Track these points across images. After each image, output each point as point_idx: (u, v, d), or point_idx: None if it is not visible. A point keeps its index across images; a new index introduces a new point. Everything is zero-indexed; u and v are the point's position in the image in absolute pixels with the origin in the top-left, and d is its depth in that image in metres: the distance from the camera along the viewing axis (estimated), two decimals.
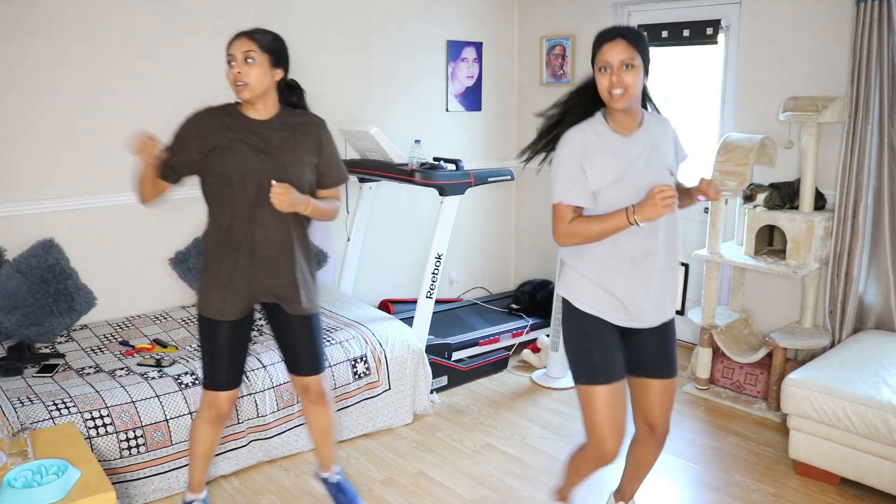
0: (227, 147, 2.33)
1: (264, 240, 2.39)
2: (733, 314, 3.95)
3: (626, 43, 2.05)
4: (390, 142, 3.89)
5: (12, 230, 3.36)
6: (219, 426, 2.60)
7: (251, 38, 2.33)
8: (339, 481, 2.81)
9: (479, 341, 4.19)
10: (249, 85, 2.31)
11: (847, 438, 2.87)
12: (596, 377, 2.19)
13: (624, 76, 2.05)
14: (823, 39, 3.59)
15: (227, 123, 2.37)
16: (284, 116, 2.44)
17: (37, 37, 3.31)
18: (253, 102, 2.36)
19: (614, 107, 2.10)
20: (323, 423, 2.73)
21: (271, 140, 2.37)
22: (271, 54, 2.35)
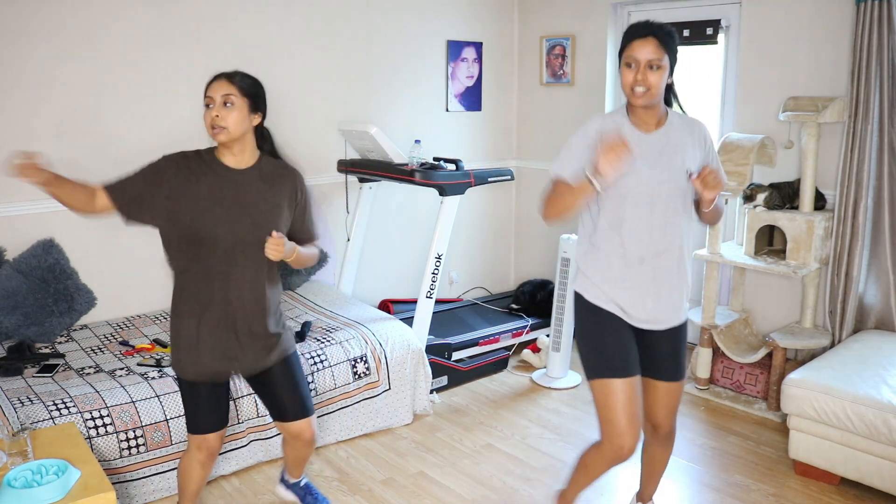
0: (197, 207, 2.21)
1: (236, 297, 2.27)
2: (733, 314, 3.95)
3: (656, 42, 2.04)
4: (390, 142, 3.89)
5: (12, 230, 3.36)
6: (210, 465, 2.48)
7: (231, 81, 2.24)
8: (308, 483, 2.82)
9: (479, 341, 4.19)
10: (227, 129, 2.20)
11: (847, 438, 2.87)
12: (613, 371, 2.17)
13: (649, 75, 2.03)
14: (823, 39, 3.60)
15: (203, 174, 2.24)
16: (262, 165, 2.33)
17: (38, 38, 3.31)
18: (230, 147, 2.26)
19: (634, 103, 2.10)
20: (305, 456, 2.67)
21: (247, 195, 2.26)
22: (251, 98, 2.26)
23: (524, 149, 5.17)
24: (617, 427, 2.17)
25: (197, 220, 2.21)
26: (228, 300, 2.28)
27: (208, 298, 2.27)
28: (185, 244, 2.25)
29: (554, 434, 3.49)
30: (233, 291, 2.27)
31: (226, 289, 2.27)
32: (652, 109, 2.13)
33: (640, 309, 2.19)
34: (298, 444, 2.57)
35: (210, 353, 2.30)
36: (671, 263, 2.19)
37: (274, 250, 2.19)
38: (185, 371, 2.34)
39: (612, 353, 2.19)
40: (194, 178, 2.23)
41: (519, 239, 5.33)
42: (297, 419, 2.49)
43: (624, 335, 2.21)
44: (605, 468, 2.29)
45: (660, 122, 2.16)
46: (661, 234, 2.15)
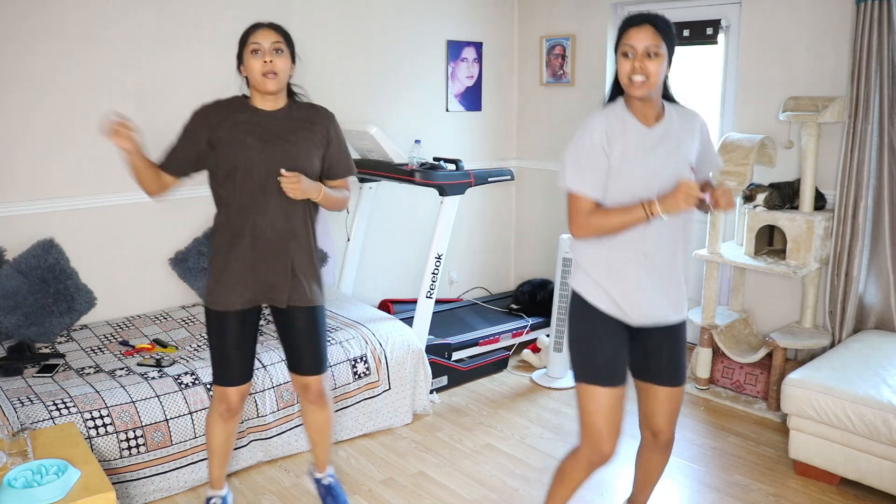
0: (233, 138, 2.32)
1: (269, 227, 2.37)
2: (733, 314, 3.95)
3: (653, 30, 2.00)
4: (390, 142, 3.89)
5: (12, 230, 3.36)
6: (231, 421, 2.60)
7: (277, 31, 2.35)
8: (331, 484, 2.81)
9: (479, 341, 4.19)
10: (279, 75, 2.31)
11: (847, 438, 2.87)
12: (600, 378, 2.14)
13: (647, 63, 1.99)
14: (823, 39, 3.60)
15: (234, 115, 2.36)
16: (293, 108, 2.43)
17: (38, 38, 3.31)
18: (275, 94, 2.35)
19: (633, 94, 2.04)
20: (320, 422, 2.72)
21: (279, 130, 2.36)
22: (292, 48, 2.38)
23: (524, 149, 5.17)
24: (597, 432, 2.15)
25: (230, 150, 2.31)
26: (263, 227, 2.36)
27: (244, 227, 2.37)
28: (225, 177, 2.36)
29: (554, 434, 3.49)
30: (266, 219, 2.36)
31: (260, 217, 2.36)
32: (651, 102, 2.08)
33: (643, 307, 2.14)
34: (306, 400, 2.65)
35: (242, 278, 2.39)
36: (674, 259, 2.16)
37: (290, 187, 2.27)
38: (216, 299, 2.42)
39: (601, 360, 2.15)
40: (229, 116, 2.36)
41: (519, 239, 5.33)
42: (311, 375, 2.58)
43: (616, 342, 2.16)
44: (584, 475, 2.24)
45: (659, 115, 2.12)
46: (667, 230, 2.12)
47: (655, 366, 2.24)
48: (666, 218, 2.01)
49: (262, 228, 2.37)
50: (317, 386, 2.61)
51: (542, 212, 5.10)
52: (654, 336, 2.21)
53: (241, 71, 2.40)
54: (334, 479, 2.84)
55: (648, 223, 2.06)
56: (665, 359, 2.23)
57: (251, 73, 2.33)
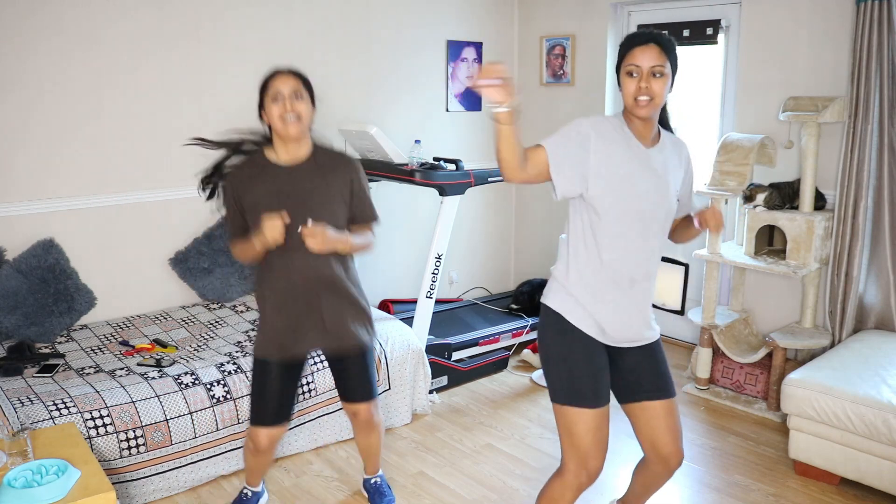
0: (257, 206, 2.34)
1: (300, 281, 2.39)
2: (733, 314, 3.95)
3: (658, 49, 1.97)
4: (390, 142, 3.89)
5: (12, 230, 3.36)
6: (262, 458, 2.65)
7: (297, 76, 2.35)
8: (378, 483, 2.90)
9: (479, 341, 4.19)
10: (302, 119, 2.32)
11: (847, 438, 2.87)
12: (585, 400, 2.06)
13: (653, 84, 1.96)
14: (823, 39, 3.60)
15: (256, 181, 2.37)
16: (317, 156, 2.43)
17: (39, 38, 3.31)
18: (294, 141, 2.36)
19: (637, 114, 2.00)
20: (370, 444, 2.80)
21: (301, 186, 2.37)
22: (311, 93, 2.39)
23: None
24: (584, 451, 2.08)
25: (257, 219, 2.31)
26: (296, 283, 2.40)
27: (278, 283, 2.41)
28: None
29: (554, 434, 3.48)
30: (299, 274, 2.39)
31: (292, 273, 2.39)
32: (650, 123, 2.05)
33: (623, 328, 2.11)
34: (355, 425, 2.72)
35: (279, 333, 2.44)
36: (651, 284, 2.13)
37: (312, 239, 2.26)
38: (261, 349, 2.48)
39: (583, 381, 2.07)
40: (251, 182, 2.37)
41: (519, 239, 5.33)
42: (361, 402, 2.64)
43: (596, 361, 2.10)
44: (574, 495, 2.15)
45: (655, 138, 2.09)
46: (651, 256, 2.09)
47: (640, 381, 2.17)
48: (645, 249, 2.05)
49: (293, 283, 2.40)
50: (366, 413, 2.66)
51: (542, 212, 5.10)
52: (632, 354, 2.16)
53: (262, 118, 2.39)
54: (382, 479, 2.93)
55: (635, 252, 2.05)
56: (648, 372, 2.17)
57: (272, 120, 2.33)
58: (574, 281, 2.10)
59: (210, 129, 3.78)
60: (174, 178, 3.75)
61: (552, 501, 2.18)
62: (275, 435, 2.56)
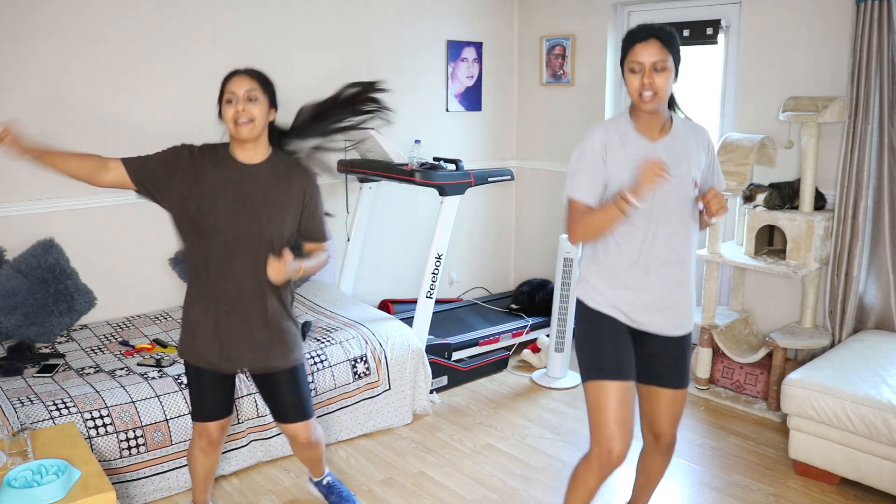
0: (206, 196, 2.25)
1: (238, 291, 2.30)
2: (733, 314, 3.95)
3: (659, 44, 2.01)
4: (390, 142, 3.89)
5: (12, 230, 3.36)
6: (213, 452, 2.57)
7: (252, 77, 2.28)
8: (331, 482, 2.83)
9: (479, 341, 4.19)
10: (254, 122, 2.24)
11: (847, 438, 2.87)
12: (607, 372, 2.14)
13: (655, 78, 2.01)
14: (823, 39, 3.59)
15: (215, 169, 2.28)
16: (275, 161, 2.35)
17: (39, 38, 3.31)
18: (248, 143, 2.28)
19: (643, 108, 2.06)
20: (311, 458, 2.72)
21: (255, 192, 2.28)
22: (270, 94, 2.31)
23: (524, 149, 5.17)
24: (608, 430, 2.12)
25: (200, 208, 2.25)
26: (228, 291, 2.31)
27: (210, 288, 2.32)
28: (191, 232, 2.30)
29: (554, 434, 3.49)
30: (232, 283, 2.30)
31: (226, 280, 2.30)
32: (657, 115, 2.10)
33: (649, 314, 2.17)
34: (296, 446, 2.63)
35: (208, 342, 2.35)
36: (677, 273, 2.17)
37: (276, 273, 2.19)
38: (186, 354, 2.41)
39: (606, 356, 2.15)
40: (205, 169, 2.28)
41: (519, 239, 5.33)
42: (297, 421, 2.53)
43: (622, 340, 2.18)
44: (597, 479, 2.19)
45: (664, 128, 2.13)
46: (667, 244, 2.13)
47: (660, 369, 2.25)
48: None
49: (227, 291, 2.30)
50: (304, 433, 2.55)
51: (542, 212, 5.10)
52: (658, 340, 2.22)
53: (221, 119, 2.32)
54: (332, 478, 2.85)
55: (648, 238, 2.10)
56: (669, 361, 2.24)
57: (227, 122, 2.26)
58: (593, 271, 2.21)
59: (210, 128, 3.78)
60: None
61: (576, 483, 2.23)
62: (224, 424, 2.50)
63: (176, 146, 2.34)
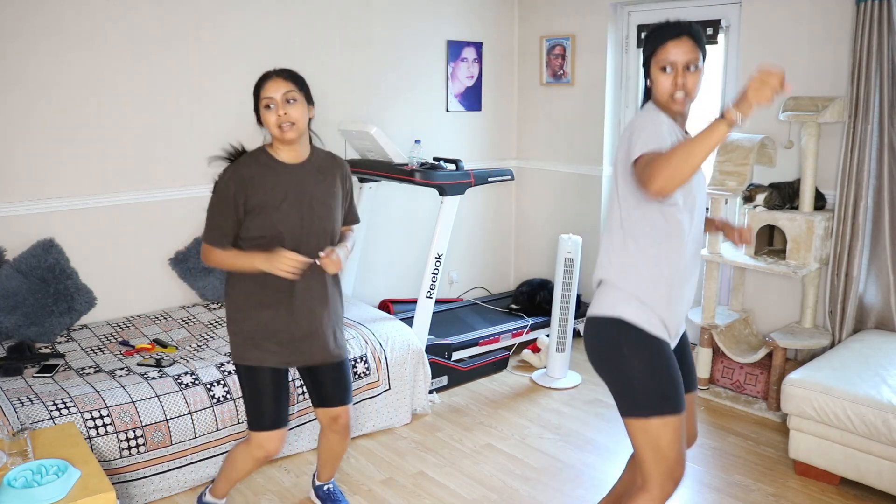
0: (267, 204, 2.28)
1: (307, 289, 2.36)
2: (733, 314, 3.95)
3: (692, 42, 1.91)
4: (390, 142, 3.89)
5: (12, 230, 3.36)
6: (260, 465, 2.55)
7: (286, 78, 2.28)
8: (331, 490, 2.84)
9: (479, 341, 4.19)
10: (297, 124, 2.26)
11: (847, 438, 2.87)
12: (670, 407, 1.96)
13: (689, 78, 1.92)
14: (823, 39, 3.60)
15: (265, 177, 2.29)
16: (316, 158, 2.41)
17: (39, 37, 3.31)
18: (293, 143, 2.31)
19: (674, 109, 1.96)
20: (339, 451, 2.73)
21: (309, 189, 2.34)
22: (306, 92, 2.32)
23: (524, 149, 5.17)
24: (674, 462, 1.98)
25: (266, 218, 2.28)
26: (297, 291, 2.35)
27: (278, 291, 2.34)
28: (260, 243, 2.31)
29: (554, 434, 3.49)
30: (301, 283, 2.34)
31: (295, 281, 2.32)
32: (685, 114, 2.02)
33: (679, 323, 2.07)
34: (332, 431, 2.63)
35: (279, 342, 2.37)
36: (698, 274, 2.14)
37: (334, 266, 2.29)
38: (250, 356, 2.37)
39: (669, 387, 1.97)
40: (261, 178, 2.29)
41: (519, 239, 5.33)
42: (340, 406, 2.57)
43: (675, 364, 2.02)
44: None
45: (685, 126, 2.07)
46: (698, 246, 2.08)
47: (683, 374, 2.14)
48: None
49: (301, 293, 2.35)
50: (345, 417, 2.60)
51: (542, 212, 5.10)
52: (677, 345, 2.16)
53: (260, 124, 2.34)
54: (334, 485, 2.86)
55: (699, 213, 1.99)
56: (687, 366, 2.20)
57: (270, 128, 2.28)
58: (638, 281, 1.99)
59: (210, 128, 3.80)
60: (174, 178, 3.75)
61: None
62: (282, 435, 2.49)
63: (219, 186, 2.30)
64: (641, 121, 1.93)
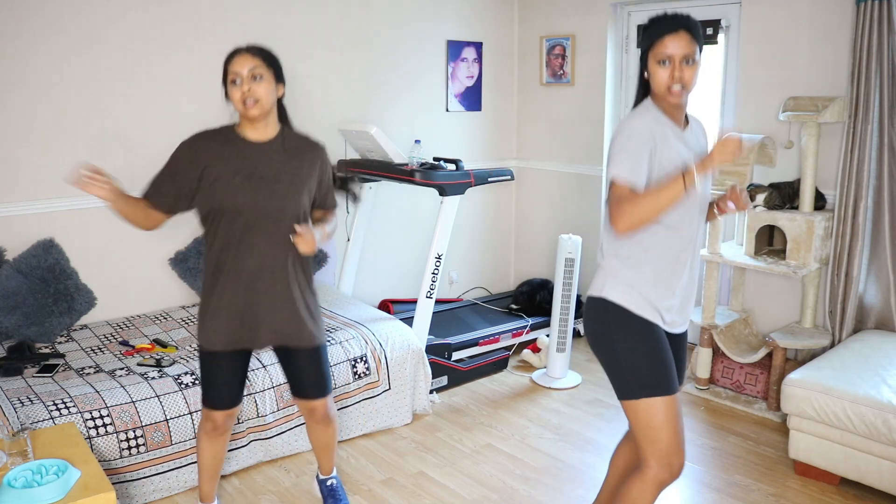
0: (221, 177, 2.26)
1: (259, 269, 2.31)
2: (733, 314, 3.95)
3: (689, 36, 1.94)
4: (390, 142, 3.89)
5: (12, 230, 3.36)
6: (219, 439, 2.55)
7: (254, 54, 2.26)
8: (334, 485, 2.83)
9: (479, 341, 4.19)
10: (261, 101, 2.24)
11: (847, 438, 2.87)
12: (666, 387, 2.01)
13: (686, 71, 1.94)
14: (823, 39, 3.60)
15: (224, 150, 2.28)
16: (285, 138, 2.37)
17: (39, 38, 3.31)
18: (257, 120, 2.29)
19: (670, 101, 1.99)
20: (327, 439, 2.71)
21: (270, 165, 2.30)
22: (275, 69, 2.30)
23: (524, 149, 5.17)
24: (668, 446, 2.02)
25: (218, 190, 2.26)
26: (248, 269, 2.32)
27: (232, 269, 2.32)
28: (212, 218, 2.31)
29: (554, 434, 3.49)
30: (254, 260, 2.31)
31: (247, 257, 2.31)
32: (682, 107, 2.04)
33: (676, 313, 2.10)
34: (313, 422, 2.63)
35: (230, 322, 2.35)
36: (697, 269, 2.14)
37: (307, 245, 2.25)
38: (206, 339, 2.39)
39: (658, 368, 2.02)
40: (215, 153, 2.28)
41: (519, 239, 5.33)
42: (316, 398, 2.56)
43: (667, 346, 2.07)
44: (654, 498, 2.07)
45: (685, 121, 2.08)
46: (698, 236, 2.09)
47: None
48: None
49: (251, 269, 2.31)
50: (322, 408, 2.58)
51: (542, 212, 5.10)
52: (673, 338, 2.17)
53: (227, 99, 2.31)
54: (338, 481, 2.85)
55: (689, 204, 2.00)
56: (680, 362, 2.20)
57: (234, 103, 2.26)
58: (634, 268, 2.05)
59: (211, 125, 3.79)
60: None
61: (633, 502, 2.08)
62: (231, 413, 2.50)
63: (174, 151, 2.33)
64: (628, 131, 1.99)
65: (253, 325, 2.37)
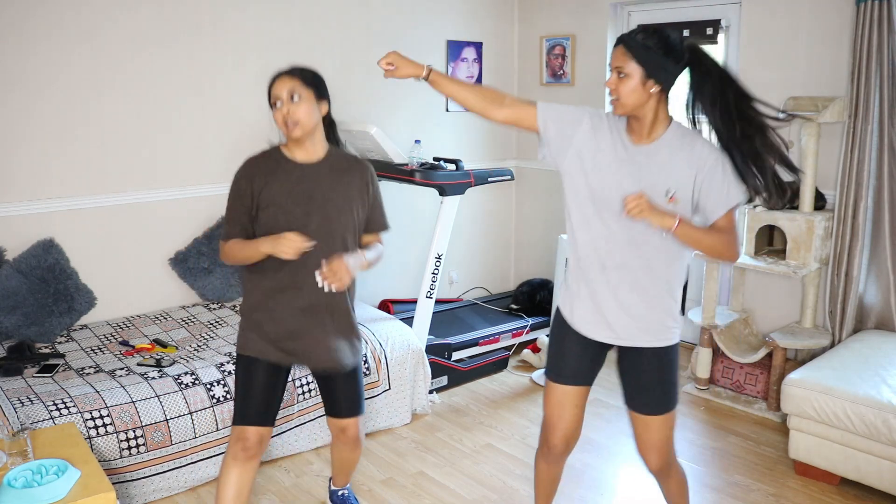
0: (275, 203, 2.26)
1: (310, 290, 2.30)
2: (733, 314, 3.95)
3: (622, 49, 1.98)
4: (390, 142, 3.89)
5: (12, 230, 3.36)
6: (247, 465, 2.35)
7: (292, 76, 2.28)
8: (346, 496, 2.83)
9: (479, 341, 4.19)
10: (301, 122, 2.24)
11: (847, 438, 2.87)
12: (550, 373, 2.28)
13: (618, 83, 1.98)
14: (823, 39, 3.60)
15: (276, 175, 2.28)
16: (332, 158, 2.37)
17: (38, 37, 3.31)
18: (302, 141, 2.29)
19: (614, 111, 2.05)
20: (351, 461, 2.69)
21: (318, 187, 2.30)
22: (315, 87, 2.30)
23: (524, 149, 5.18)
24: (545, 422, 2.30)
25: (271, 214, 2.27)
26: (301, 287, 2.30)
27: (285, 288, 2.31)
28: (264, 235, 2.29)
29: None
30: (307, 279, 2.28)
31: (301, 278, 2.29)
32: (640, 120, 2.03)
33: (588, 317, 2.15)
34: (341, 441, 2.59)
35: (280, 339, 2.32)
36: (637, 279, 2.07)
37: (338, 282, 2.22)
38: (251, 346, 2.34)
39: (552, 357, 2.28)
40: (271, 176, 2.29)
41: (519, 239, 5.33)
42: (349, 417, 2.54)
43: (568, 343, 2.22)
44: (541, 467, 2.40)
45: (654, 135, 2.04)
46: (626, 246, 2.06)
47: (637, 391, 2.18)
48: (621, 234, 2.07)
49: (301, 287, 2.30)
50: (354, 428, 2.54)
51: (542, 212, 5.10)
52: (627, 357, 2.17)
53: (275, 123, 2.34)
54: (349, 492, 2.85)
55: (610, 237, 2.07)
56: (632, 382, 2.18)
57: (279, 125, 2.29)
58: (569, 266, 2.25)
59: (210, 128, 3.80)
60: (174, 178, 3.75)
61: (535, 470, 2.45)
62: (264, 434, 2.36)
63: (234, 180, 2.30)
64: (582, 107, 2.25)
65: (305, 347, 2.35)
